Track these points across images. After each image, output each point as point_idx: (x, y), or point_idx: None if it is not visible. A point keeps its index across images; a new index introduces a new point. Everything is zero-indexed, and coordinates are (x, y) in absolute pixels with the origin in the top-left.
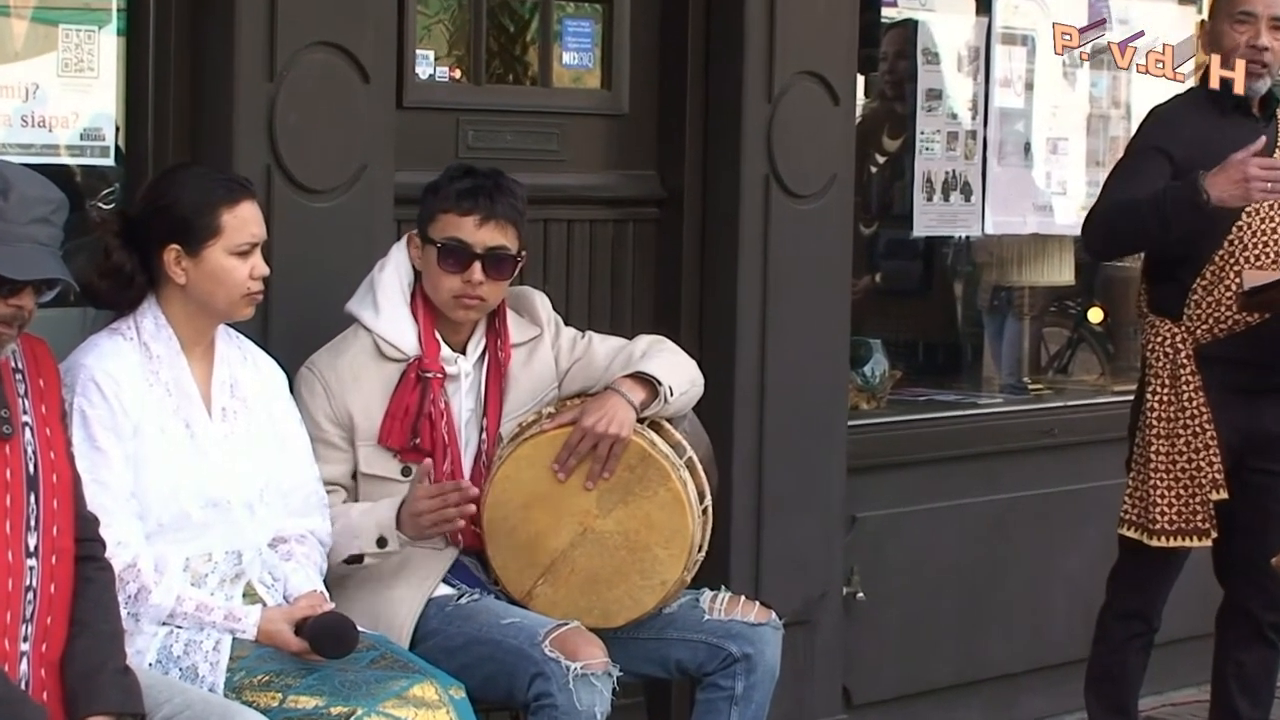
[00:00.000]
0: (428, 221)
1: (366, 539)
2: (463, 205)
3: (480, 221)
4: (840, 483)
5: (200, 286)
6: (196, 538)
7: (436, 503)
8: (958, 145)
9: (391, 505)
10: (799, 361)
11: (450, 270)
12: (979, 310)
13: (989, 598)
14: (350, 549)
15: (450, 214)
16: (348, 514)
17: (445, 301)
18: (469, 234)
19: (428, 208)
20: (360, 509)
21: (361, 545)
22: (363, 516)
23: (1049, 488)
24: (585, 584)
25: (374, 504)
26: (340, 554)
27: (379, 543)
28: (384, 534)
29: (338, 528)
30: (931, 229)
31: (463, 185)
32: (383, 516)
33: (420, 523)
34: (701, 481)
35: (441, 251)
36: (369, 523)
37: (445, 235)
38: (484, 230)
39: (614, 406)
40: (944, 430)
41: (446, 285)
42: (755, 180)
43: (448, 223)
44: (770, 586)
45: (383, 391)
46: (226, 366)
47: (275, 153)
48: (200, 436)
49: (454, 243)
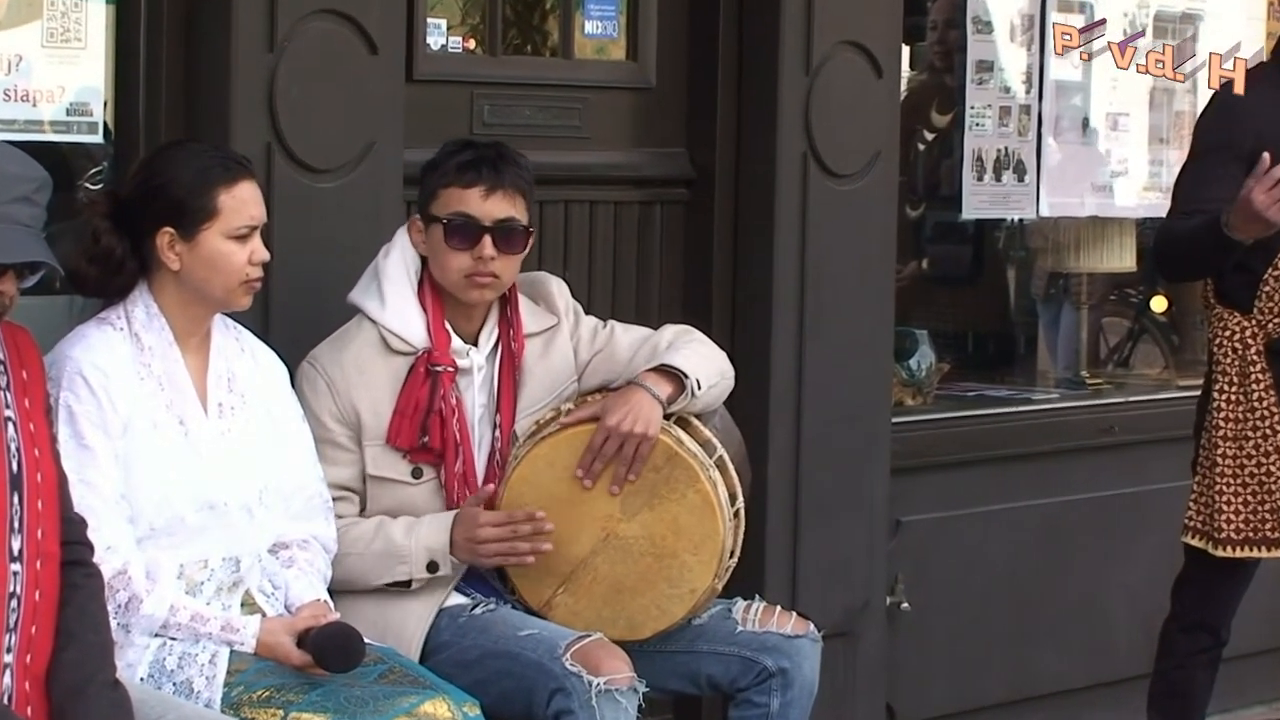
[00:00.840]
0: (430, 200)
1: (416, 564)
2: (466, 177)
3: (486, 192)
4: (884, 484)
5: (195, 273)
6: (191, 543)
7: (504, 532)
8: (1010, 121)
9: (441, 525)
10: (839, 354)
11: (459, 247)
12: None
13: (1044, 608)
14: (395, 574)
15: (453, 188)
16: (386, 534)
17: (456, 283)
18: (475, 207)
19: (428, 186)
20: (402, 529)
21: (410, 571)
22: (406, 538)
23: (1108, 490)
24: (608, 593)
25: (414, 521)
26: (379, 578)
27: (429, 567)
28: (435, 558)
29: (375, 549)
30: (982, 211)
31: (464, 158)
32: (434, 539)
33: (481, 551)
34: (733, 482)
35: (448, 228)
36: (417, 545)
37: (450, 211)
38: (491, 202)
39: (639, 402)
40: (995, 428)
41: (456, 264)
42: (792, 158)
43: (451, 197)
44: (808, 596)
45: (390, 387)
46: (223, 359)
47: (276, 129)
48: (195, 434)
49: (460, 217)
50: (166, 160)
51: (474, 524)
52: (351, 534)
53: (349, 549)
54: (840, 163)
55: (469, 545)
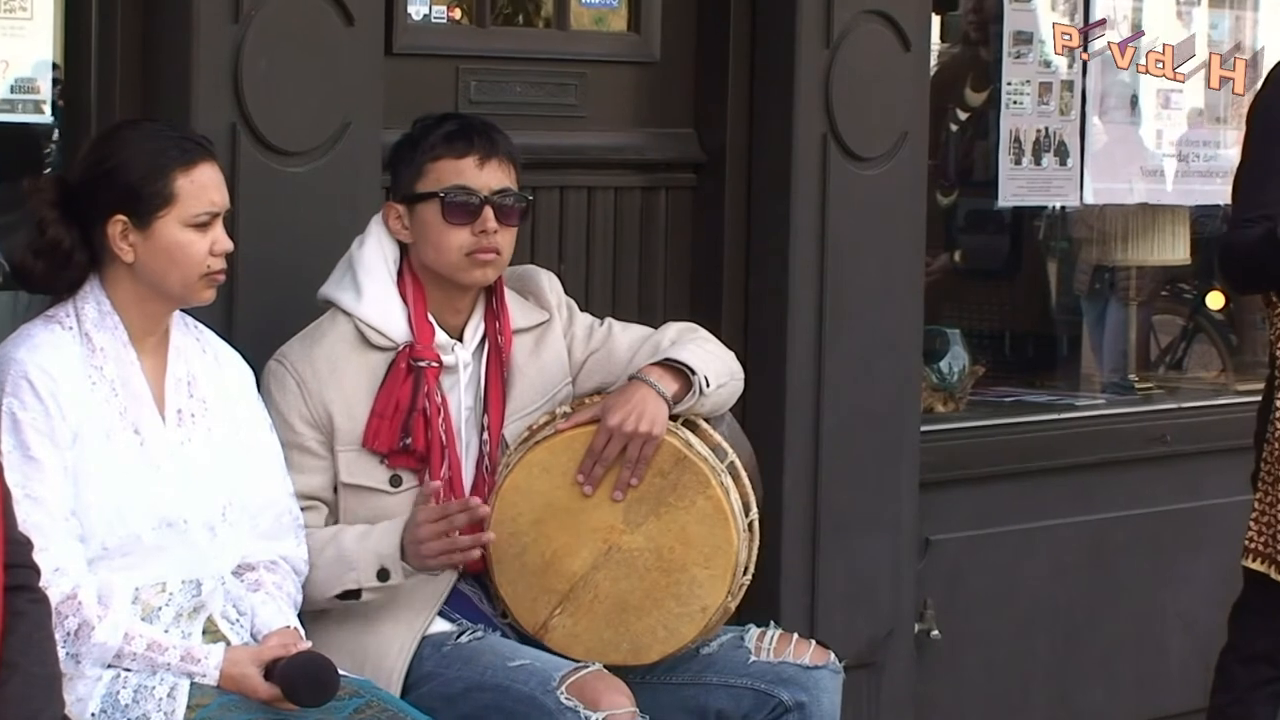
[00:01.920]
0: (415, 178)
1: (365, 571)
2: (457, 147)
3: (481, 161)
4: (912, 499)
5: (151, 265)
6: (148, 564)
7: (440, 526)
8: (1051, 98)
9: (393, 529)
10: (863, 355)
11: (459, 222)
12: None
13: (1088, 636)
14: (344, 583)
15: (444, 160)
16: (339, 541)
17: (456, 263)
18: (472, 178)
19: (413, 163)
20: (354, 534)
21: (359, 579)
22: (358, 543)
23: (1160, 506)
24: (611, 613)
25: (369, 528)
26: (330, 588)
27: (380, 575)
28: (385, 565)
29: (327, 556)
30: (1020, 198)
31: (450, 127)
32: (383, 544)
33: (424, 552)
34: (746, 491)
35: (446, 203)
36: (366, 551)
37: (447, 184)
38: (487, 171)
39: (642, 400)
40: (1035, 437)
41: (455, 243)
42: (811, 140)
43: (444, 170)
44: (828, 623)
45: (368, 385)
46: (183, 361)
47: (241, 107)
48: (152, 444)
49: (459, 190)
50: (119, 141)
51: (412, 524)
52: (308, 543)
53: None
54: (863, 145)
55: (413, 549)
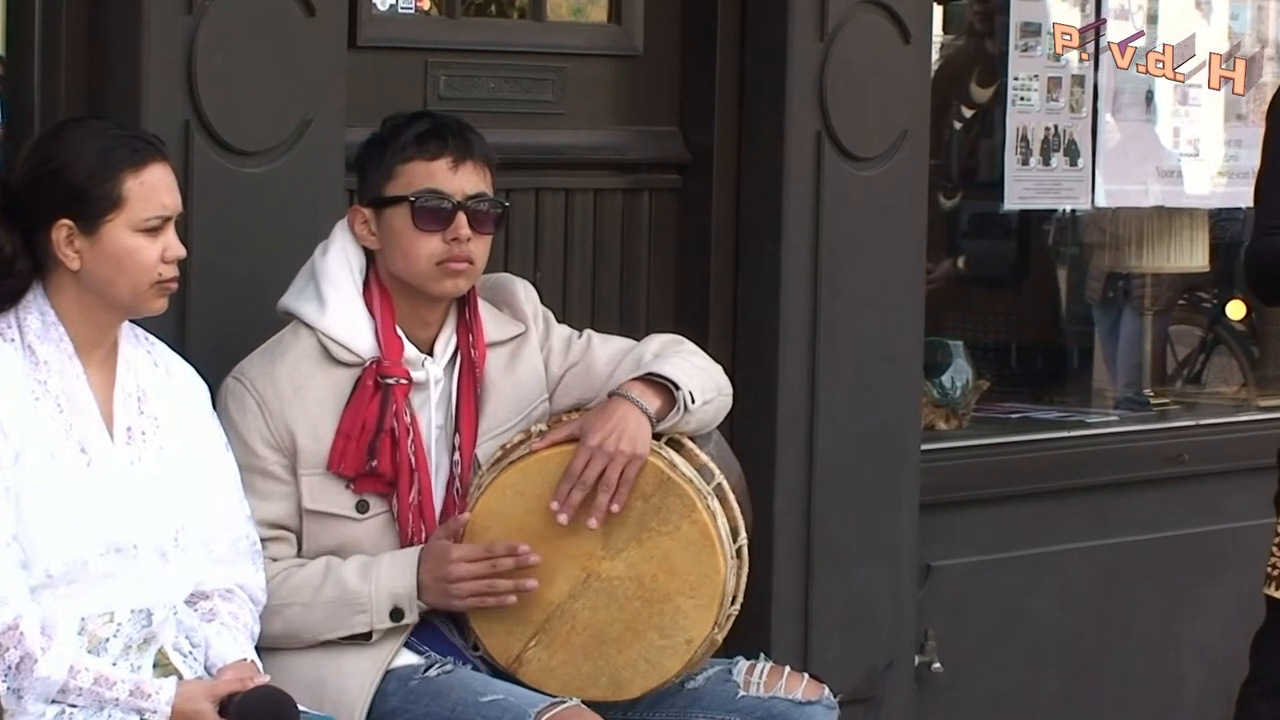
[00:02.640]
0: (384, 181)
1: (378, 611)
2: (429, 148)
3: (454, 164)
4: (912, 523)
5: (99, 273)
6: (95, 592)
7: (482, 568)
8: (1061, 94)
9: (405, 564)
10: (859, 369)
11: (430, 229)
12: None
13: (1101, 669)
14: (352, 626)
15: (415, 162)
16: (337, 578)
17: (425, 273)
18: (445, 181)
19: (382, 165)
20: (355, 571)
21: (372, 620)
22: (364, 581)
23: (1177, 529)
24: (590, 645)
25: (369, 561)
26: (331, 631)
27: (393, 615)
28: (400, 604)
29: (326, 596)
30: (1028, 200)
31: (423, 127)
32: (396, 581)
33: (453, 591)
34: (734, 515)
35: (418, 208)
36: (378, 591)
37: (418, 188)
38: (461, 175)
39: (623, 418)
40: (1043, 456)
41: (426, 251)
42: (804, 139)
43: (415, 173)
44: (822, 654)
45: (333, 404)
46: (133, 375)
47: (195, 104)
48: (100, 464)
49: (431, 194)
50: (63, 140)
51: (444, 560)
52: (293, 580)
53: (291, 598)
54: (860, 144)
55: (439, 586)
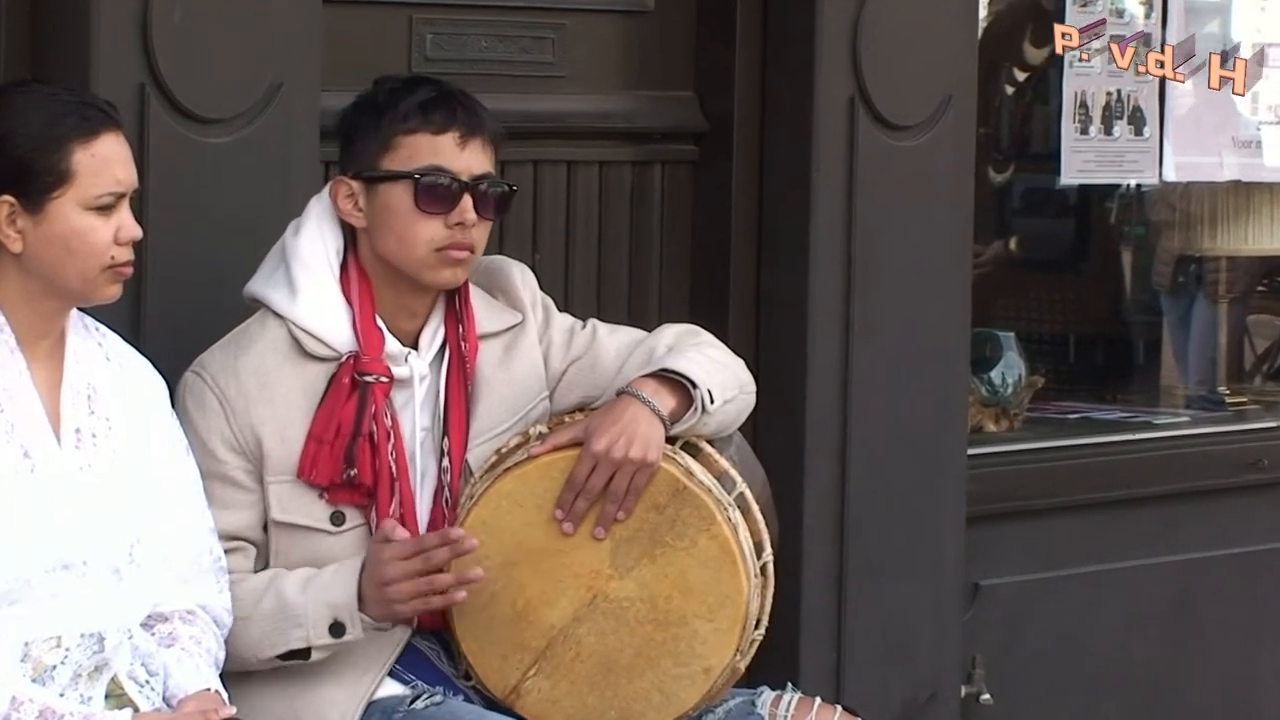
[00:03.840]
0: (378, 152)
1: (315, 625)
2: (435, 119)
3: (462, 139)
4: (957, 537)
5: (44, 256)
6: (40, 614)
7: (414, 565)
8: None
9: (346, 573)
10: (898, 364)
11: (433, 211)
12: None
13: (1171, 700)
14: (289, 641)
15: (420, 134)
16: (278, 589)
17: (422, 260)
18: (450, 158)
19: (375, 133)
20: (296, 581)
21: (309, 636)
22: (303, 592)
23: (1255, 544)
24: (596, 674)
25: (314, 572)
26: (269, 647)
27: (333, 629)
28: (339, 617)
29: (265, 608)
30: (1088, 174)
31: (426, 95)
32: (335, 591)
33: (390, 595)
34: (758, 527)
35: (422, 186)
36: (315, 602)
37: (421, 164)
38: (469, 153)
39: (633, 419)
40: (1105, 462)
41: (426, 235)
42: (836, 105)
43: (418, 147)
44: (857, 684)
45: (304, 404)
46: (82, 370)
47: (151, 66)
48: (45, 470)
49: (436, 171)
50: (4, 108)
51: (376, 562)
52: (238, 592)
53: (235, 611)
54: (899, 110)
55: (378, 592)
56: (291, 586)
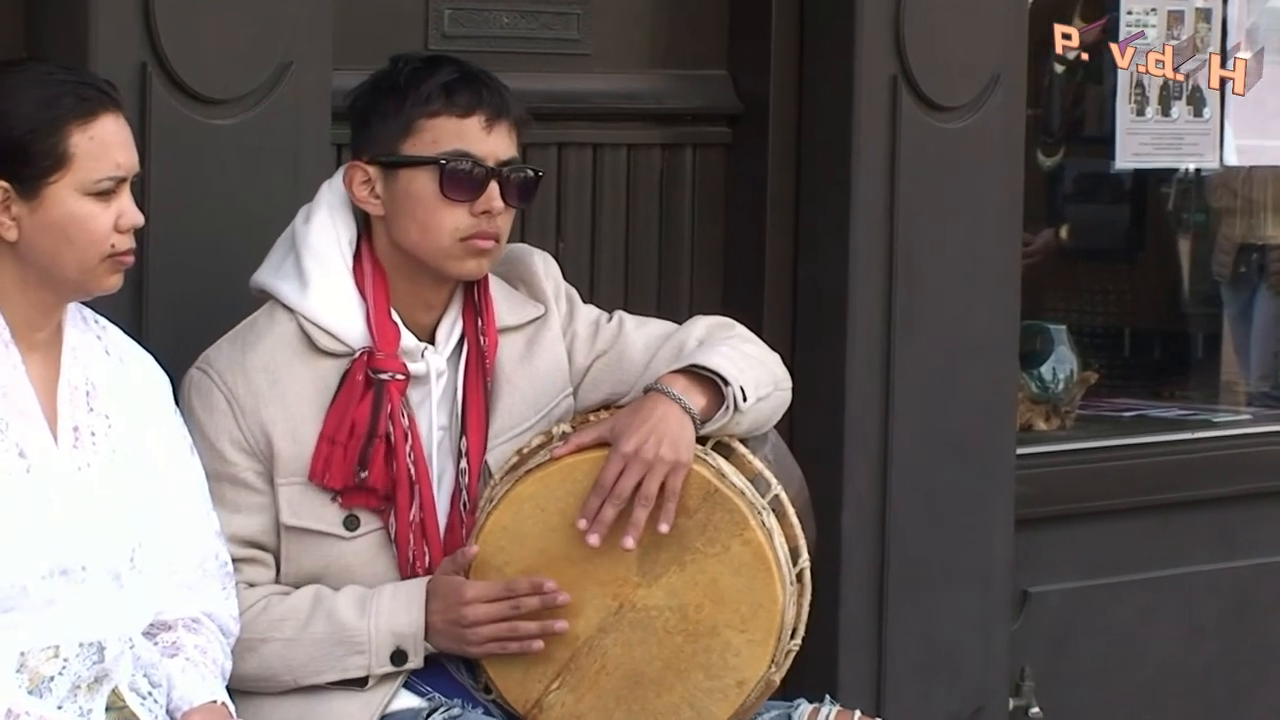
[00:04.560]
0: (399, 136)
1: (378, 653)
2: (459, 102)
3: (489, 123)
4: (1005, 541)
5: (40, 244)
6: (36, 622)
7: (502, 609)
8: (1183, 30)
9: (410, 599)
10: (943, 359)
11: (459, 199)
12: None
13: (1229, 713)
14: (346, 669)
15: (444, 118)
16: (329, 612)
17: (446, 250)
18: (476, 143)
19: (396, 116)
20: (351, 605)
21: (371, 664)
22: (361, 617)
23: None
24: (623, 687)
25: (367, 594)
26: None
27: (394, 658)
28: (404, 646)
29: (315, 633)
30: (1143, 158)
31: (450, 75)
32: (401, 621)
33: (471, 637)
34: (794, 532)
35: (448, 172)
36: (380, 629)
37: (447, 148)
38: (495, 137)
39: (662, 418)
40: (1161, 462)
41: (450, 224)
42: (877, 85)
43: (443, 130)
44: (899, 696)
45: (316, 401)
46: (80, 365)
47: (154, 43)
48: (41, 470)
49: (462, 157)
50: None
51: (457, 600)
52: (275, 612)
53: (270, 632)
54: (945, 91)
55: (452, 630)
56: (346, 609)
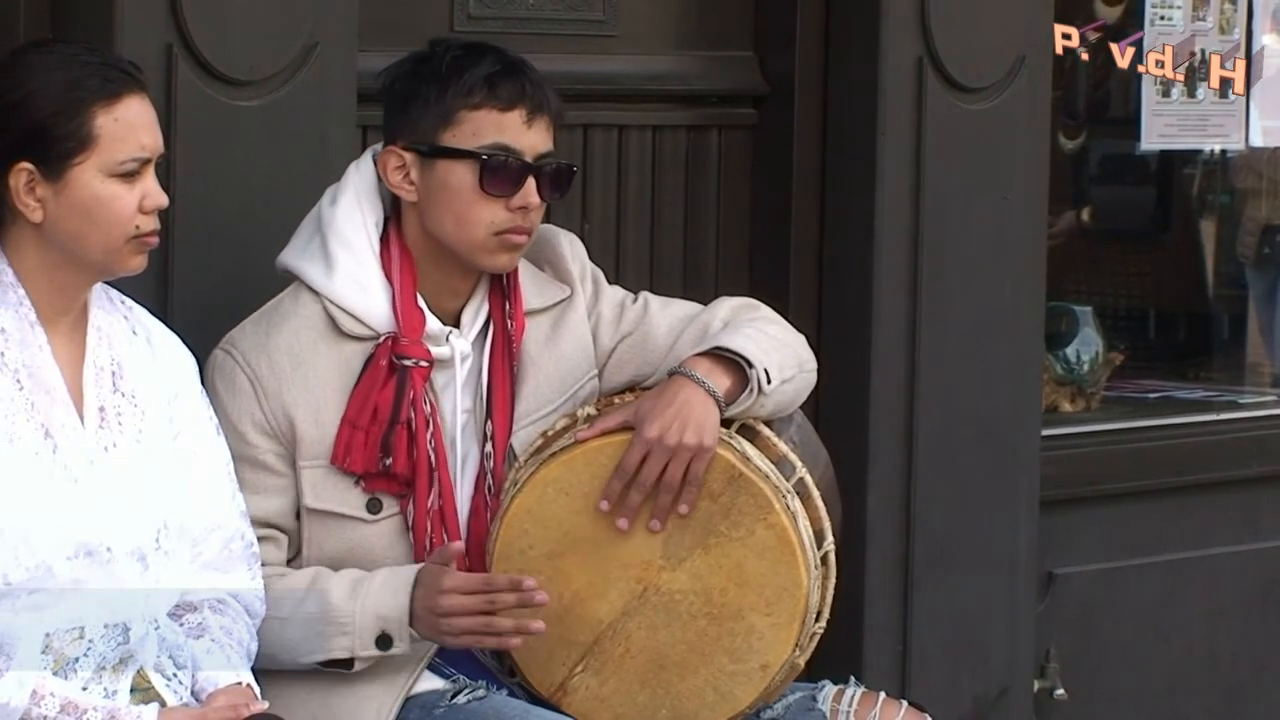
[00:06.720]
0: (439, 126)
1: (362, 636)
2: (501, 95)
3: (529, 118)
4: (1030, 523)
5: (65, 225)
6: (62, 604)
7: (477, 603)
8: (1209, 11)
9: (398, 584)
10: (968, 340)
11: (497, 193)
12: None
13: (1255, 694)
14: (331, 650)
15: (485, 110)
16: (322, 592)
17: (480, 243)
18: (516, 137)
19: (438, 105)
20: (343, 586)
21: (354, 646)
22: (351, 599)
23: None
24: (647, 671)
25: (362, 577)
26: (309, 653)
27: (380, 642)
28: (389, 630)
29: (307, 611)
30: (1169, 139)
31: (493, 67)
32: (385, 603)
33: (444, 627)
34: (819, 515)
35: (489, 166)
36: (365, 611)
37: (487, 141)
38: (534, 131)
39: (687, 401)
40: (1187, 444)
41: (487, 218)
42: (903, 66)
43: (484, 122)
44: (924, 678)
45: (339, 385)
46: (106, 346)
47: (179, 24)
48: (67, 450)
49: (503, 151)
50: (23, 69)
51: (436, 589)
52: (274, 590)
53: (272, 610)
54: (970, 72)
55: (429, 617)
56: (338, 590)
